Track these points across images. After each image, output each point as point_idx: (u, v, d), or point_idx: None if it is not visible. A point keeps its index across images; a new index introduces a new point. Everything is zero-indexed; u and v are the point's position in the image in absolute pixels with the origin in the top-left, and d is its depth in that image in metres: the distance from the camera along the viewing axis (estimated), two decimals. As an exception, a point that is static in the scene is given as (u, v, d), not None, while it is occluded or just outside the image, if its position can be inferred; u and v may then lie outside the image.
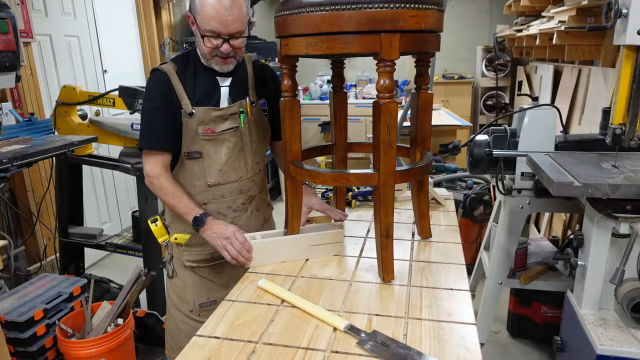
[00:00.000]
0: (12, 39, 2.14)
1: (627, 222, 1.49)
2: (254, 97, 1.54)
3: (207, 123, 1.45)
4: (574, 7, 2.59)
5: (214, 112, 1.45)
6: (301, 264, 1.35)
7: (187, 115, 1.42)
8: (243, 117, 1.49)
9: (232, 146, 1.48)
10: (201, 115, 1.43)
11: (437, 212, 1.72)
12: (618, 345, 1.49)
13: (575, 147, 1.97)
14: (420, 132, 1.37)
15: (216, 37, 1.36)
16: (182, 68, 1.46)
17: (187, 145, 1.45)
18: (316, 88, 5.77)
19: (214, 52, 1.39)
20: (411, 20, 1.05)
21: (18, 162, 2.07)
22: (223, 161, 1.48)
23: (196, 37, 1.40)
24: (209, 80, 1.47)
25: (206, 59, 1.43)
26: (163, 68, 1.44)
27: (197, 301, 1.56)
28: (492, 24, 6.00)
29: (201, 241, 1.48)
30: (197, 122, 1.43)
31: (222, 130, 1.47)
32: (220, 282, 1.57)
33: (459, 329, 1.01)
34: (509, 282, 2.22)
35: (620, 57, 1.47)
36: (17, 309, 2.07)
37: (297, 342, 0.98)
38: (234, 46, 1.39)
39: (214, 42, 1.37)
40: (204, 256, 1.54)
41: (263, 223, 1.67)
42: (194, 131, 1.44)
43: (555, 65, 3.67)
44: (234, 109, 1.48)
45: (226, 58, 1.42)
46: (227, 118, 1.48)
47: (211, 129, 1.45)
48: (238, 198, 1.54)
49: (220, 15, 1.32)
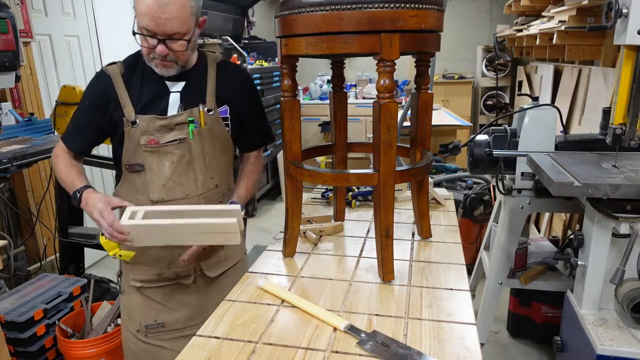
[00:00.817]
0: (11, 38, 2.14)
1: (627, 222, 1.49)
2: (211, 103, 1.36)
3: (151, 133, 1.30)
4: (574, 7, 2.59)
5: (159, 122, 1.31)
6: (301, 264, 1.35)
7: (129, 123, 1.29)
8: (192, 127, 1.33)
9: (176, 160, 1.33)
10: (145, 124, 1.29)
11: (437, 212, 1.72)
12: (618, 345, 1.49)
13: (576, 147, 1.97)
14: (420, 132, 1.37)
15: (151, 37, 1.22)
16: (129, 70, 1.33)
17: (128, 157, 1.33)
18: (316, 88, 5.77)
19: (151, 54, 1.26)
20: (411, 20, 1.05)
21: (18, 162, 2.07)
22: (167, 176, 1.33)
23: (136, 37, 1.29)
24: (157, 85, 1.33)
25: (147, 60, 1.30)
26: (108, 70, 1.33)
27: (143, 322, 1.43)
28: (492, 24, 6.00)
29: (147, 260, 1.39)
30: (139, 132, 1.30)
31: (166, 142, 1.32)
32: (170, 305, 1.44)
33: (459, 329, 1.01)
34: (509, 282, 2.22)
35: (621, 57, 1.47)
36: (17, 309, 2.07)
37: (297, 342, 0.98)
38: (172, 49, 1.25)
39: (150, 42, 1.23)
40: (150, 276, 1.42)
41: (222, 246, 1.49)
42: (136, 142, 1.30)
43: (556, 65, 3.67)
44: (181, 117, 1.32)
45: (164, 61, 1.28)
46: (173, 128, 1.32)
47: (155, 140, 1.31)
48: None
49: (152, 11, 1.18)
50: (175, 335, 1.45)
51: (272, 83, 4.94)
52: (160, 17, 1.19)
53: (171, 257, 1.40)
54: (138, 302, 1.44)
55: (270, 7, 6.40)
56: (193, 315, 1.45)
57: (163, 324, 1.43)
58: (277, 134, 5.12)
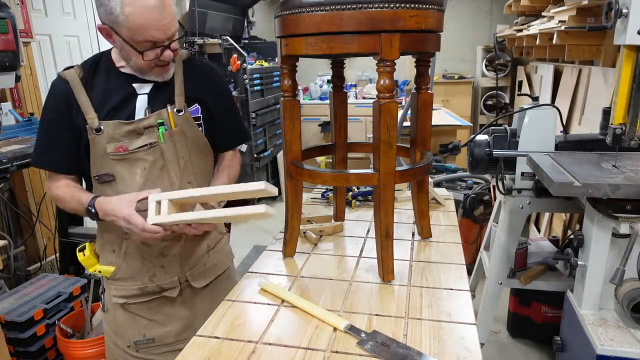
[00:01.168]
0: (11, 38, 2.14)
1: (627, 222, 1.49)
2: (181, 104, 1.27)
3: (118, 140, 1.21)
4: (574, 7, 2.59)
5: (125, 127, 1.22)
6: (301, 264, 1.35)
7: (93, 131, 1.20)
8: (163, 130, 1.24)
9: (148, 166, 1.24)
10: (110, 130, 1.20)
11: (437, 212, 1.72)
12: (618, 345, 1.49)
13: (576, 147, 1.97)
14: (420, 132, 1.37)
15: (155, 47, 1.17)
16: (89, 74, 1.24)
17: (96, 168, 1.23)
18: (316, 88, 5.77)
19: (153, 62, 1.20)
20: (411, 20, 1.05)
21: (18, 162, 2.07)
22: (140, 184, 1.24)
23: (121, 51, 1.21)
24: (123, 87, 1.24)
25: (142, 72, 1.23)
26: (65, 75, 1.23)
27: (132, 338, 1.35)
28: (492, 24, 6.00)
29: (128, 274, 1.32)
30: (106, 140, 1.21)
31: (136, 148, 1.23)
32: (158, 319, 1.35)
33: (459, 329, 1.01)
34: (509, 282, 2.22)
35: (621, 57, 1.47)
36: (17, 309, 2.07)
37: (297, 342, 0.98)
38: (173, 48, 1.20)
39: (154, 53, 1.17)
40: (133, 291, 1.33)
41: (207, 250, 1.43)
42: (102, 150, 1.21)
43: (556, 65, 3.67)
44: (149, 121, 1.23)
45: (166, 65, 1.23)
46: (142, 133, 1.24)
47: (123, 147, 1.22)
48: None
49: (156, 21, 1.12)
50: (167, 349, 1.38)
51: (272, 83, 4.94)
52: (163, 23, 1.14)
53: (152, 269, 1.33)
54: (123, 319, 1.36)
55: (270, 7, 6.40)
56: (184, 328, 1.38)
57: (153, 339, 1.36)
58: (277, 134, 5.15)
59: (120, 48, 1.21)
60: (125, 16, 1.11)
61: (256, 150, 4.67)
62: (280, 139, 5.15)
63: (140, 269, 1.32)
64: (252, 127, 4.51)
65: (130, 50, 1.17)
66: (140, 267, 1.32)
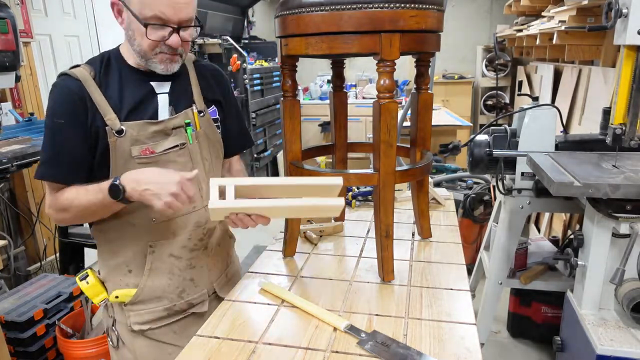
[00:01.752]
0: (11, 38, 2.14)
1: (627, 222, 1.49)
2: (201, 105, 1.22)
3: (143, 142, 1.11)
4: (574, 7, 2.60)
5: (152, 127, 1.12)
6: (301, 264, 1.35)
7: (114, 133, 1.08)
8: (190, 131, 1.18)
9: (179, 168, 1.12)
10: (134, 132, 1.10)
11: (437, 212, 1.72)
12: (618, 345, 1.49)
13: (576, 147, 1.97)
14: (420, 132, 1.37)
15: (162, 27, 1.06)
16: (102, 72, 1.12)
17: (118, 174, 1.07)
18: (316, 88, 5.78)
19: (158, 47, 1.09)
20: (411, 20, 1.05)
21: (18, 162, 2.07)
22: None
23: (127, 30, 1.10)
24: (141, 85, 1.15)
25: (146, 57, 1.11)
26: (75, 74, 1.09)
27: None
28: (492, 24, 6.00)
29: (152, 295, 1.18)
30: (129, 142, 1.09)
31: (165, 150, 1.14)
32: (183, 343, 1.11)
33: (459, 329, 1.01)
34: (509, 282, 2.22)
35: (621, 57, 1.47)
36: (17, 309, 2.07)
37: (297, 342, 0.98)
38: (183, 38, 1.11)
39: (160, 34, 1.07)
40: (159, 314, 1.19)
41: (227, 259, 1.36)
42: (127, 153, 1.10)
43: (556, 65, 3.67)
44: (177, 121, 1.16)
45: (173, 55, 1.12)
46: (170, 133, 1.15)
47: (150, 149, 1.12)
48: (195, 233, 1.20)
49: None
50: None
51: (272, 83, 4.94)
52: (178, 1, 1.05)
53: (182, 284, 1.21)
54: (145, 350, 1.20)
55: (270, 7, 6.40)
56: None
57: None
58: (278, 134, 5.15)
59: (126, 27, 1.10)
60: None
61: (256, 150, 4.67)
62: (280, 139, 5.15)
63: (168, 286, 1.19)
64: (252, 127, 4.51)
65: (137, 28, 1.07)
66: (168, 284, 1.19)
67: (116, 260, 1.19)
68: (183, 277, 1.21)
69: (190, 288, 1.23)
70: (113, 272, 1.20)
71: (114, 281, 1.20)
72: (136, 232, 1.16)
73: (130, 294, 1.17)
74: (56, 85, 1.11)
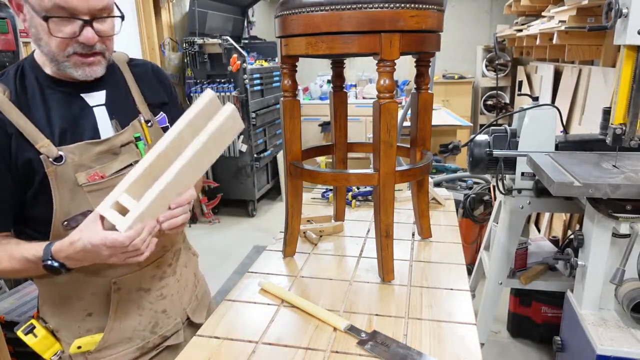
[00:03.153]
0: (11, 38, 2.14)
1: (627, 222, 1.49)
2: (147, 113, 1.07)
3: (89, 166, 0.95)
4: (574, 7, 2.60)
5: (95, 148, 0.96)
6: (301, 264, 1.35)
7: (51, 162, 0.90)
8: (142, 146, 1.02)
9: None
10: (76, 157, 0.93)
11: (437, 212, 1.72)
12: (618, 346, 1.49)
13: (576, 147, 1.97)
14: (420, 132, 1.37)
15: (70, 19, 0.86)
16: (18, 90, 0.93)
17: (65, 209, 0.93)
18: (316, 88, 5.78)
19: (70, 46, 0.90)
20: (411, 20, 1.05)
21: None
22: None
23: (30, 29, 0.90)
24: (70, 99, 0.97)
25: (57, 62, 0.91)
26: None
27: None
28: (492, 24, 6.01)
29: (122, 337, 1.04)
30: (73, 169, 0.93)
31: (117, 172, 0.98)
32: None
33: (459, 329, 1.01)
34: (509, 282, 2.22)
35: (621, 57, 1.47)
36: (17, 309, 2.07)
37: (297, 342, 0.98)
38: (101, 33, 0.91)
39: (68, 29, 0.87)
40: (131, 355, 1.06)
41: (194, 280, 1.25)
42: (71, 182, 0.93)
43: (556, 65, 3.67)
44: (125, 136, 1.01)
45: (90, 55, 0.93)
46: (119, 152, 0.99)
47: (99, 174, 0.95)
48: (162, 260, 1.09)
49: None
50: None
51: (272, 83, 4.94)
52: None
53: (154, 318, 1.10)
54: None
55: (270, 7, 6.40)
56: None
57: None
58: (277, 134, 5.15)
59: (29, 26, 0.91)
60: None
61: (256, 150, 4.67)
62: (280, 139, 5.15)
63: (139, 323, 1.07)
64: (252, 127, 4.51)
65: (39, 25, 0.87)
66: (139, 321, 1.07)
67: (70, 306, 1.02)
68: (154, 310, 1.09)
69: (162, 320, 1.11)
70: (67, 318, 1.03)
71: (70, 329, 1.03)
72: (94, 270, 0.98)
73: (95, 341, 1.02)
74: None
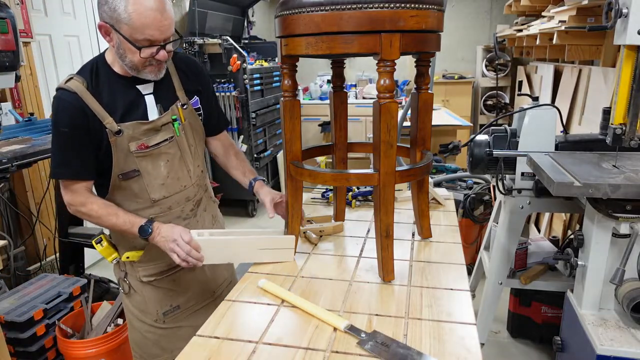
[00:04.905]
0: (11, 38, 2.14)
1: (628, 222, 1.49)
2: (184, 98, 1.42)
3: (138, 138, 1.32)
4: (574, 6, 2.60)
5: (144, 126, 1.32)
6: (301, 264, 1.35)
7: (113, 134, 1.28)
8: (177, 125, 1.39)
9: (170, 158, 1.39)
10: (130, 131, 1.30)
11: (437, 212, 1.72)
12: (618, 346, 1.49)
13: (576, 147, 1.97)
14: (420, 132, 1.37)
15: (151, 46, 1.24)
16: (93, 83, 1.29)
17: (120, 166, 1.32)
18: (316, 88, 5.78)
19: (148, 61, 1.27)
20: (411, 20, 1.05)
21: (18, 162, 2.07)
22: (164, 175, 1.38)
23: (118, 49, 1.26)
24: (129, 90, 1.33)
25: (137, 70, 1.28)
26: (71, 87, 1.26)
27: (160, 311, 1.48)
28: (492, 24, 6.00)
29: (156, 256, 1.42)
30: (127, 139, 1.30)
31: (157, 144, 1.35)
32: (181, 287, 1.51)
33: (459, 329, 1.01)
34: (509, 282, 2.22)
35: (621, 57, 1.47)
36: (17, 309, 2.07)
37: (297, 342, 0.98)
38: (168, 50, 1.28)
39: (149, 51, 1.24)
40: (161, 268, 1.46)
41: (212, 221, 1.62)
42: (126, 149, 1.31)
43: (556, 65, 3.67)
44: (165, 118, 1.37)
45: (160, 65, 1.31)
46: (160, 129, 1.36)
47: (144, 144, 1.33)
48: (186, 206, 1.46)
49: (157, 21, 1.20)
50: (190, 312, 1.53)
51: (272, 83, 4.94)
52: (163, 24, 1.22)
53: None
54: (152, 295, 1.48)
55: (270, 7, 6.40)
56: (204, 289, 1.55)
57: (179, 306, 1.51)
58: (277, 134, 5.15)
59: (116, 46, 1.26)
60: (128, 14, 1.18)
61: (256, 150, 4.66)
62: (280, 139, 5.15)
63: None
64: (252, 127, 4.50)
65: (128, 48, 1.24)
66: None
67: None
68: None
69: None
70: (123, 237, 1.44)
71: (124, 244, 1.45)
72: (140, 209, 1.38)
73: (139, 255, 1.43)
74: (56, 98, 1.28)
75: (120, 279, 1.50)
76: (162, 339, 1.51)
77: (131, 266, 1.46)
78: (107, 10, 1.20)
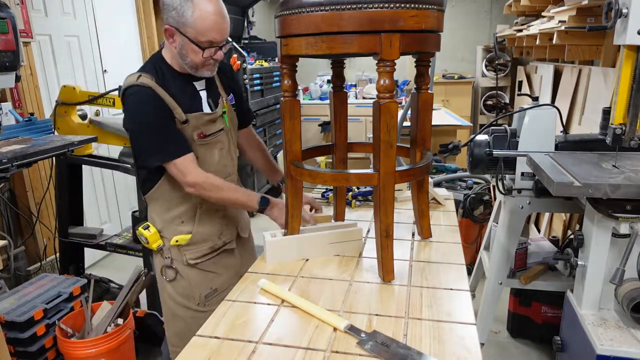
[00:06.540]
0: (11, 38, 2.14)
1: (627, 222, 1.49)
2: (224, 95, 1.59)
3: (199, 128, 1.47)
4: (574, 7, 2.60)
5: (205, 117, 1.48)
6: (301, 264, 1.35)
7: (181, 123, 1.43)
8: (226, 117, 1.55)
9: (222, 146, 1.54)
10: (195, 121, 1.45)
11: (437, 212, 1.72)
12: (618, 346, 1.49)
13: (576, 147, 1.97)
14: (420, 132, 1.37)
15: (211, 46, 1.39)
16: (160, 79, 1.43)
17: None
18: (316, 88, 5.77)
19: (207, 60, 1.41)
20: (411, 20, 1.05)
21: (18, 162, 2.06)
22: (216, 161, 1.53)
23: (180, 50, 1.39)
24: (187, 86, 1.49)
25: (196, 68, 1.43)
26: (145, 83, 1.39)
27: (202, 293, 1.58)
28: (492, 24, 6.00)
29: (201, 238, 1.54)
30: (192, 128, 1.45)
31: (213, 133, 1.50)
32: (219, 271, 1.62)
33: (459, 329, 1.01)
34: (509, 282, 2.22)
35: (621, 57, 1.47)
36: (17, 309, 2.07)
37: (297, 342, 0.98)
38: (224, 51, 1.44)
39: (209, 52, 1.39)
40: (205, 251, 1.57)
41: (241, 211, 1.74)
42: (190, 137, 1.46)
43: (556, 65, 3.67)
44: (220, 111, 1.53)
45: (215, 63, 1.46)
46: (216, 120, 1.51)
47: (202, 133, 1.48)
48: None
49: (219, 25, 1.36)
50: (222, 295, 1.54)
51: (272, 83, 4.93)
52: (223, 27, 1.38)
53: (220, 228, 1.58)
54: (197, 278, 1.57)
55: (270, 7, 6.40)
56: (234, 275, 1.61)
57: (217, 289, 1.61)
58: (277, 134, 5.15)
59: (179, 47, 1.39)
60: (194, 19, 1.33)
61: (256, 150, 4.66)
62: (280, 139, 5.15)
63: (211, 231, 1.56)
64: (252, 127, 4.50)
65: (191, 49, 1.38)
66: (211, 230, 1.56)
67: (171, 214, 1.54)
68: (221, 223, 1.59)
69: (225, 230, 1.60)
70: (169, 224, 1.54)
71: (170, 230, 1.54)
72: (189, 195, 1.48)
73: (187, 238, 1.53)
74: (134, 94, 1.39)
75: (164, 267, 1.56)
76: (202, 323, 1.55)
77: (178, 251, 1.54)
78: (175, 15, 1.34)
